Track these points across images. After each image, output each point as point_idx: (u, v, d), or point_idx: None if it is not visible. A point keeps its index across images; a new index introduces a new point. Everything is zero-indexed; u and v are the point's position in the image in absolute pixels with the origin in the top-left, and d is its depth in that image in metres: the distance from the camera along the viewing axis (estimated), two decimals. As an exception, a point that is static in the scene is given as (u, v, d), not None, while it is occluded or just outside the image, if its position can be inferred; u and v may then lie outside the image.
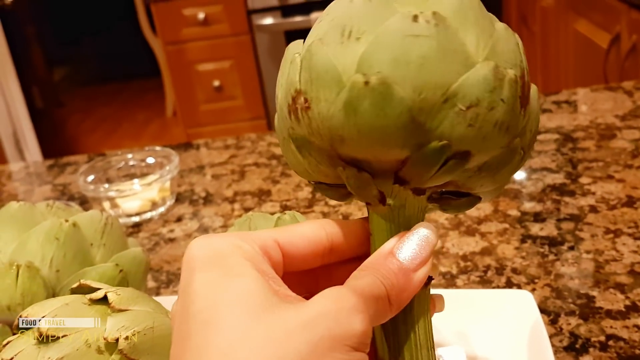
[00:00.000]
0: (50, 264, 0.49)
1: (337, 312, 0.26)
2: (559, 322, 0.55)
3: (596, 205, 0.72)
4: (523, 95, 0.29)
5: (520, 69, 0.30)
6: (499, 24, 0.31)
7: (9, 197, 0.99)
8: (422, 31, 0.28)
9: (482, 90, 0.28)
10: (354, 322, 0.26)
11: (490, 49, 0.29)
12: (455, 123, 0.28)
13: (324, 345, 0.25)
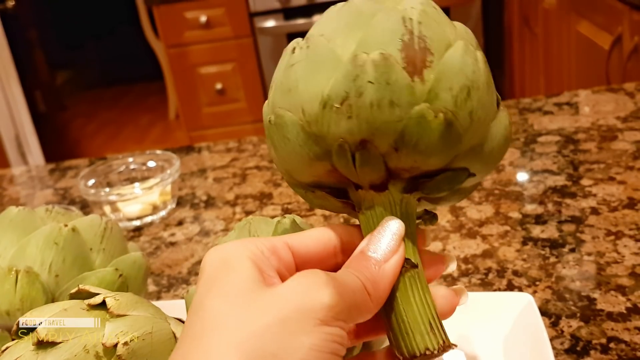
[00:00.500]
0: (49, 269, 0.49)
1: (307, 287, 0.28)
2: (560, 325, 0.55)
3: (597, 207, 0.71)
4: (409, 64, 0.30)
5: (398, 42, 0.31)
6: (385, 4, 0.32)
7: (10, 202, 0.99)
8: (296, 58, 0.32)
9: (347, 82, 0.30)
10: (321, 295, 0.27)
11: (359, 42, 0.31)
12: (338, 120, 0.31)
13: (292, 319, 0.26)
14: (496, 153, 0.33)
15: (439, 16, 0.33)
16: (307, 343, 0.26)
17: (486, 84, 0.32)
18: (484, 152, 0.33)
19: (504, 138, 0.34)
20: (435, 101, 0.31)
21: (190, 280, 0.71)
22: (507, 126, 0.34)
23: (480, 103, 0.32)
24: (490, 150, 0.33)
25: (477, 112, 0.32)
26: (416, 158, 0.32)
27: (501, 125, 0.33)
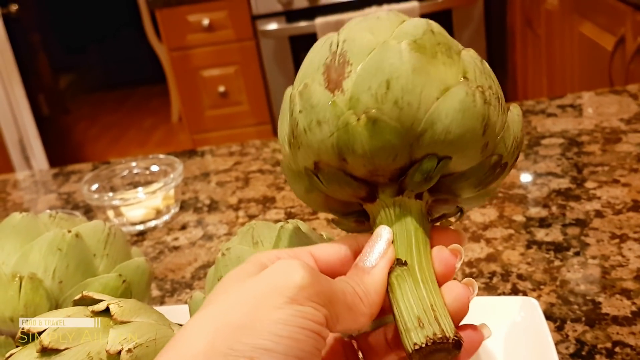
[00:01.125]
0: (53, 275, 0.49)
1: (282, 270, 0.30)
2: (565, 329, 0.55)
3: (602, 210, 0.71)
4: (330, 82, 0.34)
5: (322, 67, 0.35)
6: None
7: (13, 206, 0.99)
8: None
9: (289, 119, 0.36)
10: (294, 276, 0.29)
11: (298, 79, 0.36)
12: (295, 154, 0.36)
13: (264, 295, 0.28)
14: (455, 128, 0.33)
15: (378, 23, 0.36)
16: (274, 317, 0.27)
17: (412, 70, 0.32)
18: (439, 131, 0.33)
19: (458, 111, 0.33)
20: (357, 105, 0.32)
21: (193, 284, 0.71)
22: (462, 99, 0.33)
23: (406, 89, 0.32)
24: (446, 127, 0.33)
25: (405, 98, 0.32)
26: (366, 162, 0.33)
27: (453, 100, 0.33)
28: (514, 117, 0.36)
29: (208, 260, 0.75)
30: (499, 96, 0.35)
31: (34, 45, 3.82)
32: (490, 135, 0.34)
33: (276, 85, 2.58)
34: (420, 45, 0.33)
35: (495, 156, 0.35)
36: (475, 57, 0.36)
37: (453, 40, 0.36)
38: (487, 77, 0.35)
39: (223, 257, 0.45)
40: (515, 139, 0.36)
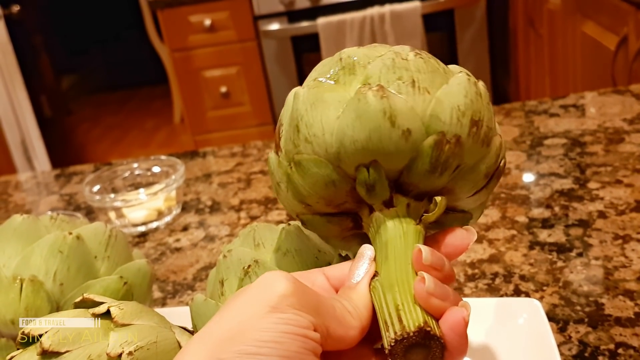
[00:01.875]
0: (54, 278, 0.49)
1: (265, 281, 0.31)
2: (568, 330, 0.55)
3: (605, 210, 0.71)
4: (276, 146, 0.38)
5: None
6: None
7: (15, 208, 0.99)
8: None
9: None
10: (275, 285, 0.30)
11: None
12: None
13: (249, 307, 0.30)
14: (359, 134, 0.34)
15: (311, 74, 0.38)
16: (257, 326, 0.29)
17: (309, 105, 0.35)
18: (348, 144, 0.35)
19: (355, 119, 0.34)
20: (288, 156, 0.37)
21: (195, 286, 0.70)
22: (355, 106, 0.34)
23: (309, 124, 0.35)
24: (351, 138, 0.34)
25: (310, 132, 0.35)
26: (317, 199, 0.37)
27: (350, 111, 0.34)
28: (451, 89, 0.34)
29: (210, 261, 0.75)
30: (415, 80, 0.34)
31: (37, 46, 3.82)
32: (407, 121, 0.33)
33: (278, 85, 2.58)
34: (317, 82, 0.36)
35: (433, 135, 0.34)
36: (394, 55, 0.35)
37: (375, 49, 0.37)
38: (402, 68, 0.34)
39: (224, 259, 0.45)
40: (455, 108, 0.34)
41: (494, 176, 0.37)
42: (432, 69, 0.35)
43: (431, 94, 0.34)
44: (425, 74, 0.34)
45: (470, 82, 0.35)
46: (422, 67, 0.35)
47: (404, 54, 0.35)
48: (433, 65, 0.35)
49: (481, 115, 0.35)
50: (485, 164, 0.36)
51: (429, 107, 0.34)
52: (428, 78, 0.34)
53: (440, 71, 0.35)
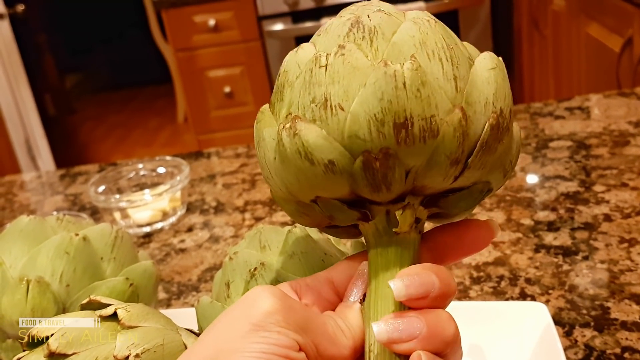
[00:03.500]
0: (60, 279, 0.49)
1: (252, 295, 0.30)
2: (574, 334, 0.55)
3: (610, 213, 0.71)
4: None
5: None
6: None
7: (20, 207, 0.99)
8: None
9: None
10: (261, 301, 0.30)
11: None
12: None
13: (232, 323, 0.29)
14: (286, 179, 0.32)
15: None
16: (236, 345, 0.28)
17: (257, 138, 0.34)
18: (277, 188, 0.34)
19: (280, 162, 0.32)
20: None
21: (200, 287, 0.70)
22: (275, 148, 0.32)
23: (262, 164, 0.34)
24: (277, 185, 0.34)
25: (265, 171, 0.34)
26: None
27: (269, 151, 0.33)
28: (365, 95, 0.29)
29: (214, 262, 0.75)
30: (327, 98, 0.30)
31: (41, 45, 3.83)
32: (325, 154, 0.30)
33: (282, 86, 2.58)
34: (260, 113, 0.34)
35: (359, 157, 0.30)
36: (312, 65, 0.31)
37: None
38: (316, 85, 0.30)
39: (230, 262, 0.45)
40: (372, 118, 0.29)
41: (473, 153, 0.31)
42: (353, 66, 0.30)
43: (345, 109, 0.29)
44: (341, 81, 0.30)
45: (388, 75, 0.29)
46: (339, 72, 0.30)
47: (322, 60, 0.30)
48: (356, 60, 0.30)
49: (407, 112, 0.29)
50: (443, 154, 0.30)
51: (345, 128, 0.29)
52: (343, 86, 0.29)
53: (365, 65, 0.30)
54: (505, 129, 0.31)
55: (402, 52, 0.30)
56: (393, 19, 0.32)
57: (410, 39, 0.30)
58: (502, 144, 0.31)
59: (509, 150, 0.33)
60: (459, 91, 0.30)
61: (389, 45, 0.30)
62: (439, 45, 0.31)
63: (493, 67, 0.32)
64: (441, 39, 0.31)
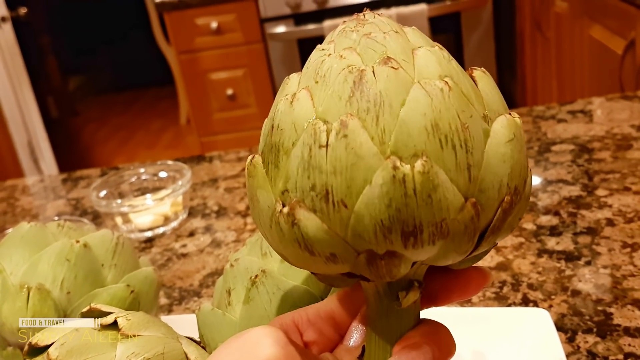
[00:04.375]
0: (61, 286, 0.48)
1: (253, 339, 0.28)
2: (577, 340, 0.54)
3: (613, 218, 0.71)
4: None
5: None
6: None
7: (22, 212, 0.99)
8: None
9: None
10: (261, 347, 0.28)
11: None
12: None
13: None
14: (283, 255, 0.31)
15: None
16: None
17: (251, 200, 0.31)
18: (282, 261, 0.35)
19: (277, 242, 0.30)
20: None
21: (201, 292, 0.70)
22: (274, 228, 0.29)
23: (261, 233, 0.32)
24: (281, 256, 0.32)
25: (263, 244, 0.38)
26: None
27: (271, 232, 0.30)
28: (371, 198, 0.26)
29: (216, 267, 0.75)
30: (329, 190, 0.26)
31: (43, 47, 3.84)
32: (327, 247, 0.28)
33: (284, 88, 2.58)
34: (252, 166, 0.30)
35: (363, 254, 0.28)
36: (311, 140, 0.27)
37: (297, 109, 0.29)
38: (316, 170, 0.27)
39: (231, 268, 0.45)
40: (378, 224, 0.26)
41: (484, 237, 0.29)
42: (357, 154, 0.26)
43: (349, 207, 0.26)
44: (344, 173, 0.26)
45: (397, 180, 0.26)
46: (341, 160, 0.26)
47: (322, 138, 0.27)
48: (360, 145, 0.26)
49: (416, 221, 0.26)
50: (453, 249, 0.28)
51: (348, 227, 0.27)
52: (346, 180, 0.26)
53: (370, 153, 0.26)
54: (518, 201, 0.29)
55: (411, 137, 0.26)
56: (401, 77, 0.27)
57: (421, 119, 0.26)
58: (513, 214, 0.29)
59: (520, 213, 0.30)
60: (473, 181, 0.27)
61: (397, 125, 0.26)
62: (453, 127, 0.27)
63: (510, 138, 0.28)
64: (456, 118, 0.27)
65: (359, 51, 0.29)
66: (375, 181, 0.26)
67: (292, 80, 0.31)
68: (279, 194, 0.28)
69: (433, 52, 0.29)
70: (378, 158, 0.26)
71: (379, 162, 0.26)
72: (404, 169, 0.26)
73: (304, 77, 0.30)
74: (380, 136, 0.26)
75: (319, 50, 0.31)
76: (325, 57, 0.29)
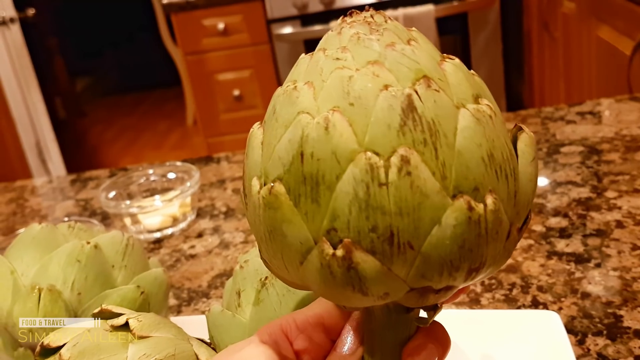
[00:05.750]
0: (72, 287, 0.49)
1: (247, 356, 0.30)
2: (587, 343, 0.54)
3: (622, 220, 0.70)
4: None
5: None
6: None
7: (31, 213, 1.00)
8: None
9: None
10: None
11: None
12: None
13: None
14: (322, 294, 0.29)
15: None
16: None
17: (268, 233, 0.28)
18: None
19: (319, 284, 0.27)
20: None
21: (210, 293, 0.70)
22: (318, 270, 0.26)
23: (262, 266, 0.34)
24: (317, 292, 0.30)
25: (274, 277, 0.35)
26: None
27: (313, 275, 0.27)
28: (443, 238, 0.25)
29: (224, 268, 0.75)
30: (394, 232, 0.24)
31: (51, 49, 3.85)
32: (382, 288, 0.26)
33: (291, 89, 2.58)
34: (273, 196, 0.26)
35: (424, 289, 0.27)
36: (368, 177, 0.24)
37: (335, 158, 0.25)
38: (377, 210, 0.24)
39: (241, 270, 0.45)
40: (447, 264, 0.26)
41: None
42: (423, 193, 0.24)
43: (415, 248, 0.25)
44: (411, 214, 0.24)
45: (473, 222, 0.25)
46: (407, 200, 0.24)
47: (380, 174, 0.24)
48: (424, 183, 0.24)
49: (483, 258, 0.26)
50: (492, 274, 0.28)
51: (412, 268, 0.25)
52: (414, 221, 0.24)
53: (435, 190, 0.25)
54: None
55: (470, 170, 0.25)
56: (445, 101, 0.26)
57: (478, 150, 0.25)
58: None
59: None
60: (515, 205, 0.27)
61: (455, 158, 0.25)
62: (504, 156, 0.26)
63: (534, 157, 0.28)
64: (504, 145, 0.26)
65: (388, 66, 0.26)
66: (446, 222, 0.24)
67: (303, 94, 0.27)
68: (324, 233, 0.25)
69: (458, 67, 0.28)
70: (442, 196, 0.25)
71: (444, 199, 0.25)
72: (479, 210, 0.25)
73: (324, 93, 0.26)
74: (441, 170, 0.25)
75: (330, 59, 0.27)
76: (352, 72, 0.26)
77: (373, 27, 0.28)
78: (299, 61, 0.30)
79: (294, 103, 0.27)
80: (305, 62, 0.29)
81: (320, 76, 0.27)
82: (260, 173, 0.28)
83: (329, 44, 0.28)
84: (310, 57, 0.29)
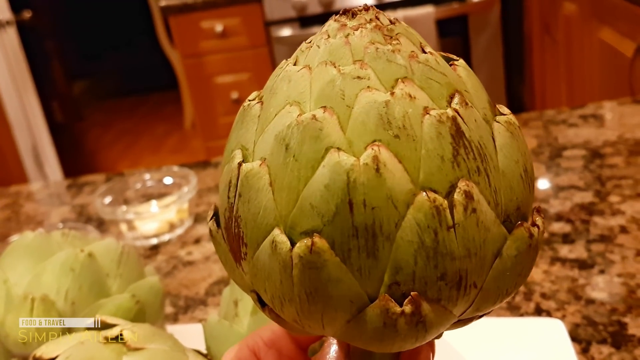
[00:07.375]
0: (65, 297, 0.48)
1: None
2: (591, 351, 0.53)
3: (626, 225, 0.69)
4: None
5: None
6: None
7: (27, 219, 0.99)
8: None
9: None
10: None
11: None
12: None
13: None
14: None
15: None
16: None
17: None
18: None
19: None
20: None
21: (207, 301, 0.69)
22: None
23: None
24: None
25: None
26: None
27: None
28: (503, 272, 0.24)
29: (222, 275, 0.74)
30: (462, 276, 0.23)
31: (48, 52, 3.84)
32: (442, 329, 0.25)
33: (290, 92, 2.57)
34: (315, 255, 0.23)
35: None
36: (436, 223, 0.22)
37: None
38: (447, 257, 0.22)
39: (239, 279, 0.44)
40: (503, 292, 0.25)
41: None
42: (486, 228, 0.23)
43: (478, 286, 0.24)
44: (478, 253, 0.23)
45: (532, 249, 0.24)
46: (474, 239, 0.22)
47: (447, 217, 0.22)
48: (486, 217, 0.23)
49: (527, 278, 0.26)
50: None
51: (470, 307, 0.24)
52: (480, 259, 0.23)
53: (493, 221, 0.23)
54: None
55: (513, 190, 0.24)
56: (479, 118, 0.24)
57: (516, 167, 0.24)
58: None
59: None
60: None
61: (502, 181, 0.23)
62: (531, 165, 0.25)
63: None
64: (530, 155, 0.26)
65: (418, 83, 0.23)
66: (508, 253, 0.23)
67: (327, 125, 0.23)
68: (385, 288, 0.23)
69: (468, 70, 0.26)
70: (498, 225, 0.23)
71: (500, 229, 0.23)
72: (536, 235, 0.23)
73: (356, 123, 0.23)
74: (494, 198, 0.23)
75: (349, 78, 0.23)
76: (386, 95, 0.23)
77: (385, 33, 0.25)
78: (287, 74, 0.26)
79: (317, 137, 0.23)
80: (304, 78, 0.25)
81: (342, 100, 0.23)
82: (275, 222, 0.23)
83: (336, 56, 0.25)
84: (308, 70, 0.25)
